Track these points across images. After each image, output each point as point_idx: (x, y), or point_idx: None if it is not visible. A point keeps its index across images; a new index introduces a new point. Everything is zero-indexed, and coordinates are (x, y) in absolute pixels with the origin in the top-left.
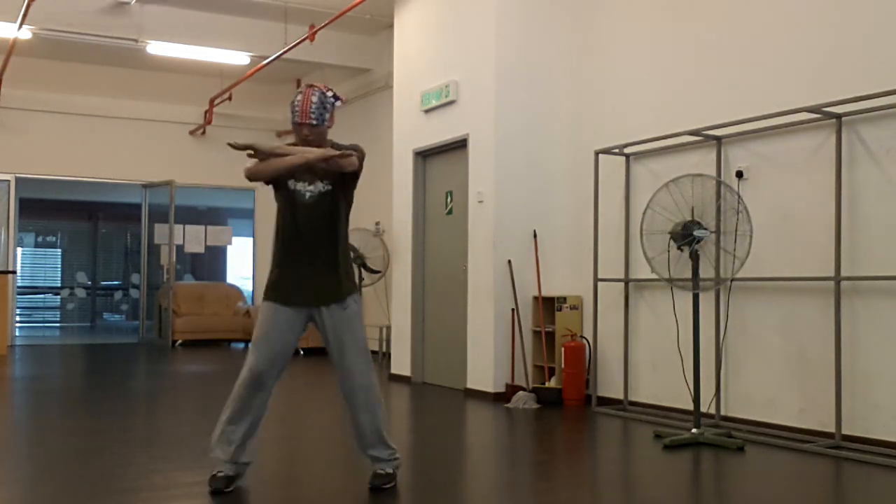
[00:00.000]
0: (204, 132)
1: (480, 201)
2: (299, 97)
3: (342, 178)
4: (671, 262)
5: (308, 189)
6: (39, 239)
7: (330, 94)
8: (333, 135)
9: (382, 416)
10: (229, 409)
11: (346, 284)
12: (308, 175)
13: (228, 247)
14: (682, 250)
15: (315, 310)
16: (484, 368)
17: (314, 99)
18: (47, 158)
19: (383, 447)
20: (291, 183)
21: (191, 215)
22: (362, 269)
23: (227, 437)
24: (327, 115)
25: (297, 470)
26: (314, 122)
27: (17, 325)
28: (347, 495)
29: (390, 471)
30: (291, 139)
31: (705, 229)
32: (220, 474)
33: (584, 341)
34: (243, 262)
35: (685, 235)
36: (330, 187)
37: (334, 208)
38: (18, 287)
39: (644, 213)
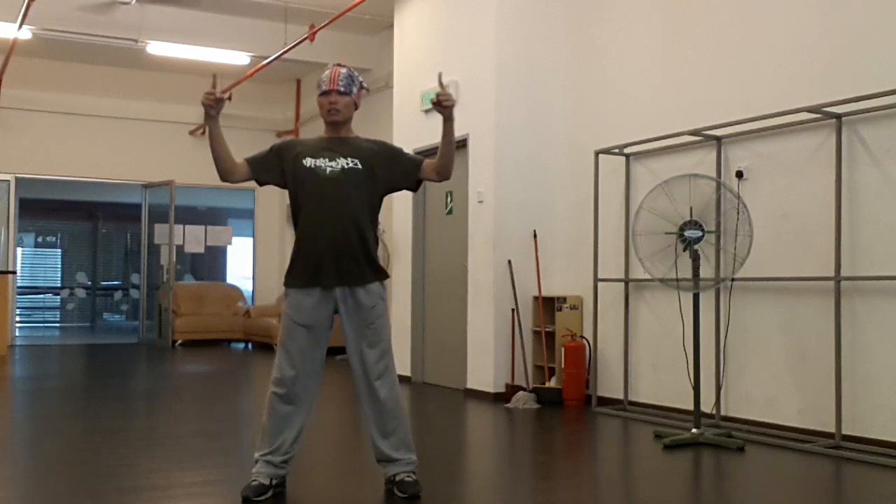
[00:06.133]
0: (204, 132)
1: (480, 201)
2: (327, 71)
3: (380, 168)
4: (673, 263)
5: (329, 165)
6: (39, 239)
7: (359, 76)
8: None
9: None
10: (263, 436)
11: (373, 268)
12: (328, 152)
13: (228, 247)
14: (677, 252)
15: (339, 291)
16: (484, 368)
17: (343, 71)
18: (47, 158)
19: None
20: (308, 161)
21: (191, 215)
22: None
23: (268, 463)
24: (355, 89)
25: (303, 471)
26: (342, 88)
27: (17, 325)
28: (350, 497)
29: (415, 477)
30: (291, 140)
31: (697, 230)
32: (254, 483)
33: (584, 341)
34: (243, 262)
35: (680, 236)
36: (358, 165)
37: (360, 186)
38: (18, 287)
39: (637, 213)
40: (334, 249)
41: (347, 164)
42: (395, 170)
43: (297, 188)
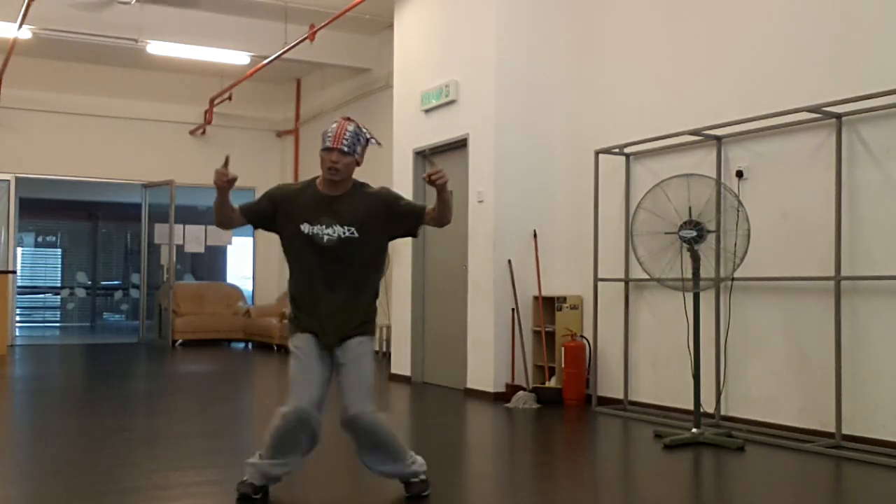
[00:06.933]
0: (204, 132)
1: (480, 201)
2: (334, 125)
3: (380, 227)
4: (671, 262)
5: (326, 232)
6: (39, 239)
7: (366, 132)
8: None
9: (394, 444)
10: (269, 448)
11: (362, 328)
12: (325, 218)
13: (228, 247)
14: (682, 252)
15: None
16: (484, 368)
17: (350, 128)
18: (47, 158)
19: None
20: (305, 227)
21: (191, 215)
22: None
23: (264, 469)
24: (359, 149)
25: (303, 471)
26: (345, 148)
27: (17, 325)
28: (350, 497)
29: (423, 477)
30: (290, 140)
31: (692, 230)
32: (247, 480)
33: (584, 341)
34: (243, 262)
35: (679, 236)
36: (355, 234)
37: (356, 255)
38: (18, 287)
39: (635, 213)
40: (327, 316)
41: (345, 232)
42: (396, 226)
43: (291, 248)
